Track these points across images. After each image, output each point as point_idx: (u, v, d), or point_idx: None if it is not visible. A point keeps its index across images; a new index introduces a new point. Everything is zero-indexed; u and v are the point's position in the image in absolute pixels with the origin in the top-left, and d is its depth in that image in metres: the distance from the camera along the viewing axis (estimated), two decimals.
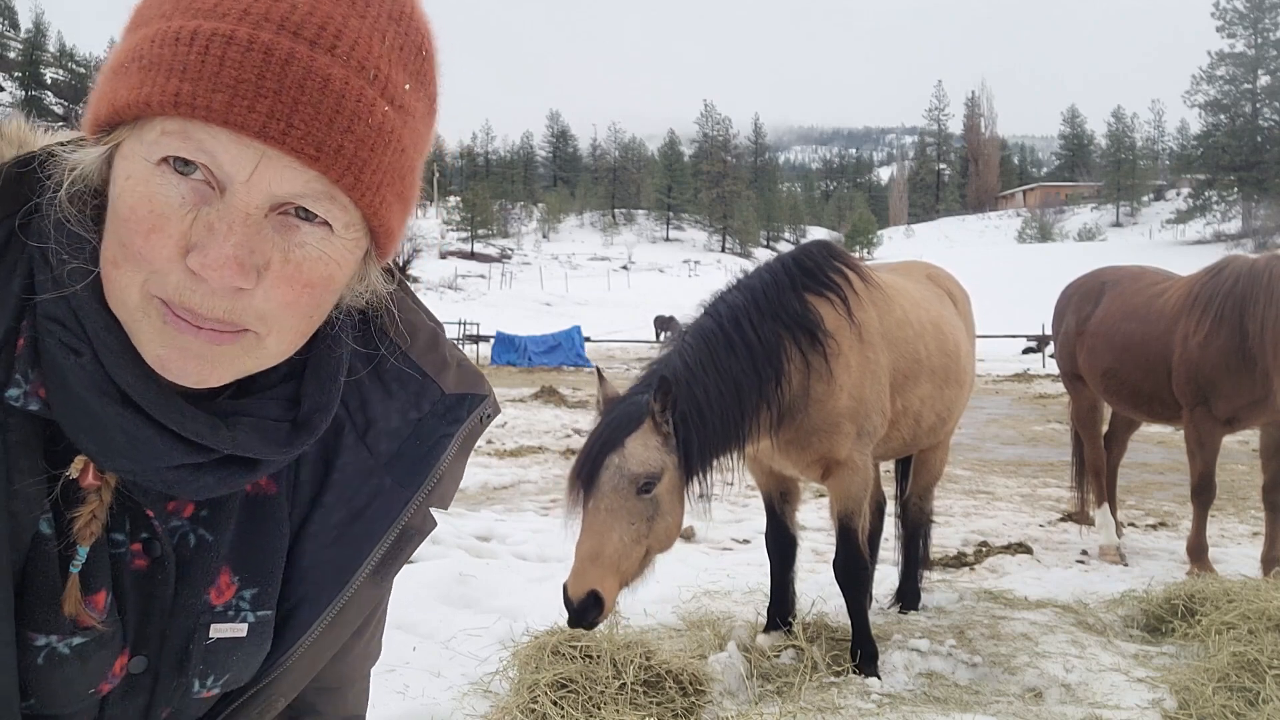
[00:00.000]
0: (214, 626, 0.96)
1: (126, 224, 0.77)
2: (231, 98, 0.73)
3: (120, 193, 0.78)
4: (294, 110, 0.75)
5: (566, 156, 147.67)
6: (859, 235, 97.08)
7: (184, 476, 0.86)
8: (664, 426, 3.21)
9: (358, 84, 0.78)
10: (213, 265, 0.75)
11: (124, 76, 0.78)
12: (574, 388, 19.47)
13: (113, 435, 0.82)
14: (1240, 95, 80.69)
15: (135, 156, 0.78)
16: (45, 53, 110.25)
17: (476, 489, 8.29)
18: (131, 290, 0.78)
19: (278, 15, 0.75)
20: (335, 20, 0.77)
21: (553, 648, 3.37)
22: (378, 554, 1.02)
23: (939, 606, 4.67)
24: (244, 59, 0.74)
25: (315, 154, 0.76)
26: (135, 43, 0.78)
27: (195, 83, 0.73)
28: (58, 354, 0.81)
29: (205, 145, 0.75)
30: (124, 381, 0.81)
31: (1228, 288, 5.33)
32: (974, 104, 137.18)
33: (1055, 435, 12.50)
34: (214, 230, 0.76)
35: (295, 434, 0.92)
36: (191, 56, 0.74)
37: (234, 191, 0.77)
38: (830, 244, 4.14)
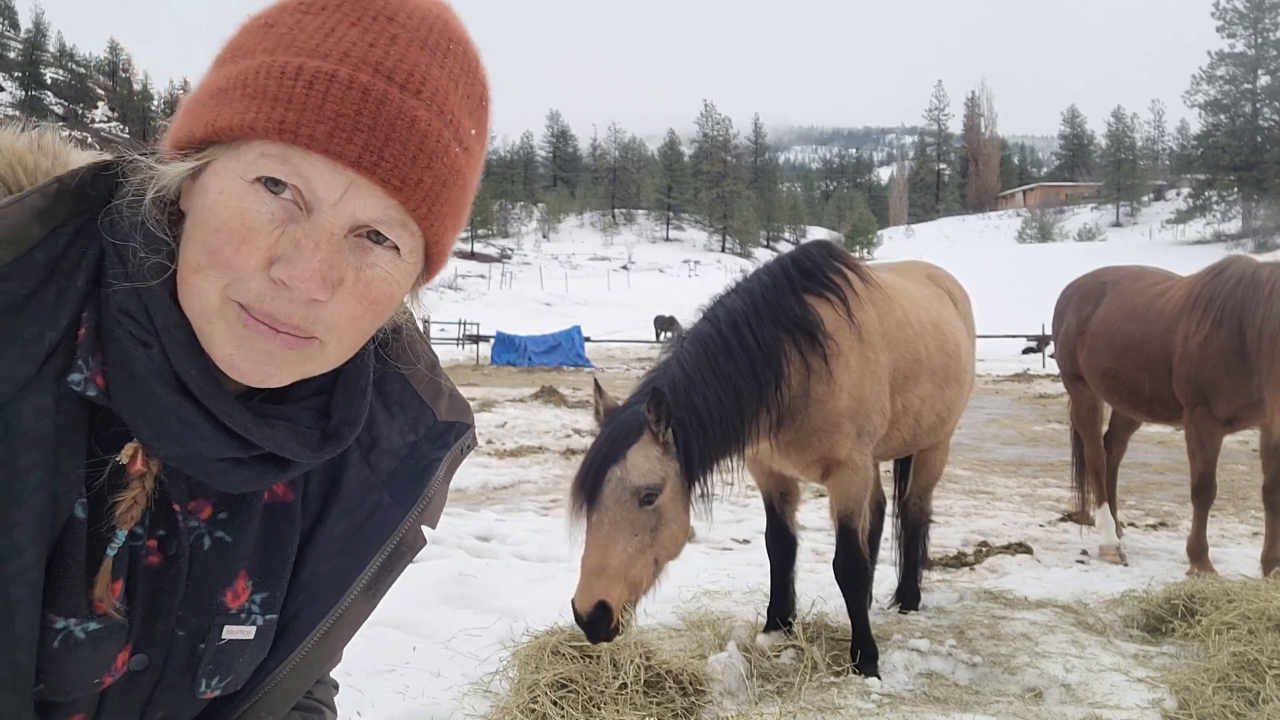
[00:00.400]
0: (227, 628, 1.00)
1: (218, 234, 0.84)
2: (332, 130, 0.82)
3: (213, 205, 0.85)
4: (385, 145, 0.84)
5: (566, 156, 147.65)
6: (859, 235, 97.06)
7: (225, 469, 0.92)
8: (662, 436, 3.21)
9: (438, 126, 0.87)
10: (300, 277, 0.84)
11: (226, 102, 0.84)
12: (574, 388, 19.46)
13: (169, 421, 0.88)
14: (1240, 95, 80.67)
15: (230, 174, 0.84)
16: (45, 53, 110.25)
17: (476, 489, 8.29)
18: (212, 294, 0.85)
19: (373, 60, 0.84)
20: (421, 68, 0.87)
21: (553, 648, 3.37)
22: (373, 568, 1.09)
23: (939, 606, 4.67)
24: (345, 96, 0.83)
25: (399, 185, 0.85)
26: (238, 71, 0.85)
27: (300, 113, 0.82)
28: (128, 345, 0.87)
29: (302, 169, 0.83)
30: (186, 374, 0.88)
31: (1229, 289, 5.33)
32: (974, 104, 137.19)
33: (1055, 435, 12.50)
34: (301, 246, 0.84)
35: (325, 442, 0.99)
36: (298, 89, 0.82)
37: (321, 212, 0.85)
38: (830, 244, 4.14)
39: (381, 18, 0.86)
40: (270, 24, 0.87)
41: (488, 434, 11.90)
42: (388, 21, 0.86)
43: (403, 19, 0.87)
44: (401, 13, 0.87)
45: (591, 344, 35.17)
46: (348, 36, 0.85)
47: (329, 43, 0.84)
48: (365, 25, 0.86)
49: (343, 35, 0.85)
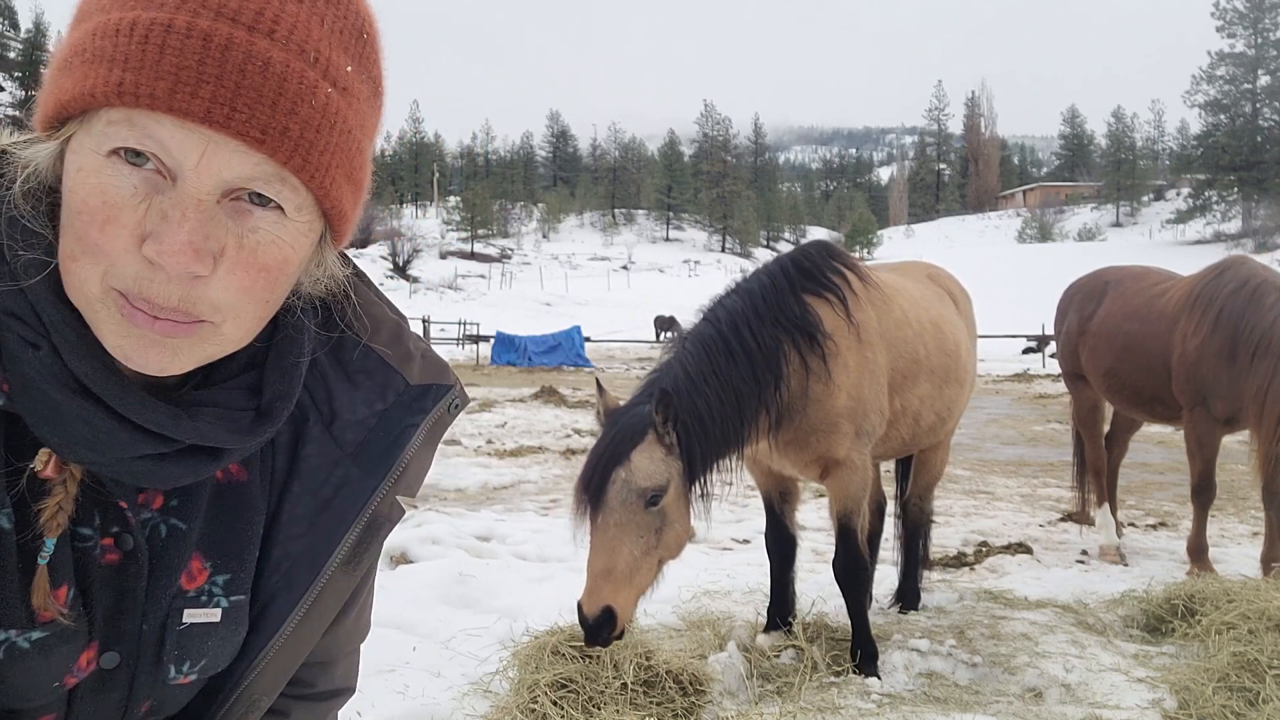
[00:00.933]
0: (187, 612, 0.97)
1: (80, 216, 0.77)
2: (174, 85, 0.74)
3: (73, 186, 0.79)
4: (236, 94, 0.75)
5: (566, 156, 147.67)
6: (859, 235, 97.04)
7: (149, 467, 0.87)
8: (667, 438, 3.21)
9: (299, 67, 0.79)
10: (169, 252, 0.76)
11: (68, 71, 0.79)
12: (574, 388, 19.46)
13: (75, 427, 0.82)
14: (1240, 95, 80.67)
15: (85, 150, 0.78)
16: (45, 53, 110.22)
17: (476, 489, 8.29)
18: (91, 283, 0.79)
19: (214, 2, 0.76)
20: (272, 4, 0.78)
21: (553, 648, 3.37)
22: (347, 543, 1.04)
23: (939, 606, 4.67)
24: (183, 45, 0.74)
25: (261, 136, 0.77)
26: (78, 38, 0.79)
27: (137, 71, 0.74)
28: (17, 348, 0.82)
29: (152, 132, 0.76)
30: (83, 373, 0.82)
31: (1229, 290, 5.32)
32: (974, 104, 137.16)
33: (1055, 435, 12.50)
34: (168, 218, 0.77)
35: (258, 422, 0.93)
36: (132, 46, 0.75)
37: (185, 179, 0.77)
38: (829, 244, 4.14)
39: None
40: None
41: (488, 434, 11.90)
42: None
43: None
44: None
45: (591, 344, 35.18)
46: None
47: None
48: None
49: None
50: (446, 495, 8.00)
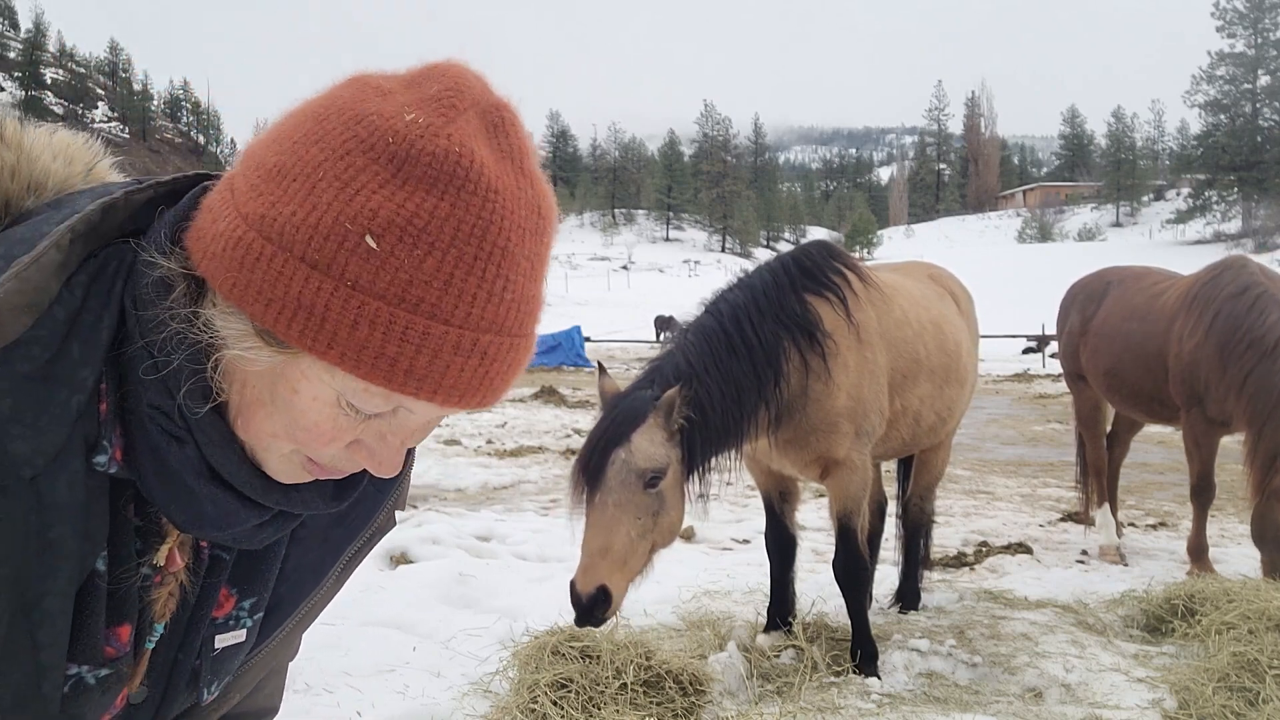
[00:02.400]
0: (218, 638, 1.02)
1: (308, 432, 0.86)
2: (449, 394, 0.82)
3: (304, 407, 0.84)
4: (489, 390, 0.85)
5: (566, 156, 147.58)
6: (859, 235, 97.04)
7: (252, 533, 0.95)
8: (675, 423, 3.21)
9: (527, 355, 0.89)
10: (386, 471, 0.90)
11: (326, 329, 0.79)
12: (574, 388, 19.46)
13: (204, 509, 0.89)
14: (1240, 95, 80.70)
15: (322, 383, 0.83)
16: (45, 53, 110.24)
17: (476, 489, 8.29)
18: (284, 448, 0.88)
19: (490, 317, 0.82)
20: (528, 300, 0.86)
21: (553, 648, 3.37)
22: (350, 552, 1.12)
23: (939, 606, 4.67)
24: (465, 365, 0.81)
25: (490, 405, 0.88)
26: (342, 301, 0.78)
27: (420, 381, 0.80)
28: (159, 440, 0.87)
29: (406, 404, 0.85)
30: (222, 467, 0.88)
31: (1227, 294, 5.30)
32: (974, 104, 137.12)
33: (1055, 435, 12.50)
34: (387, 442, 0.88)
35: (340, 488, 1.01)
36: (420, 361, 0.80)
37: (409, 419, 0.88)
38: (829, 244, 4.14)
39: (496, 254, 0.81)
40: (374, 249, 0.78)
41: (488, 434, 11.90)
42: (502, 258, 0.82)
43: (513, 246, 0.82)
44: (513, 238, 0.82)
45: (591, 344, 35.17)
46: (466, 288, 0.80)
47: (448, 299, 0.79)
48: (481, 270, 0.80)
49: (461, 287, 0.80)
50: (446, 495, 7.99)
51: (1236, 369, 5.03)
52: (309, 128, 0.83)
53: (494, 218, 0.81)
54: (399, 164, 0.79)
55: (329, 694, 3.33)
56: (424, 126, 0.81)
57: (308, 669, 3.46)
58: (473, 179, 0.80)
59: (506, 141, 0.86)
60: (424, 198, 0.79)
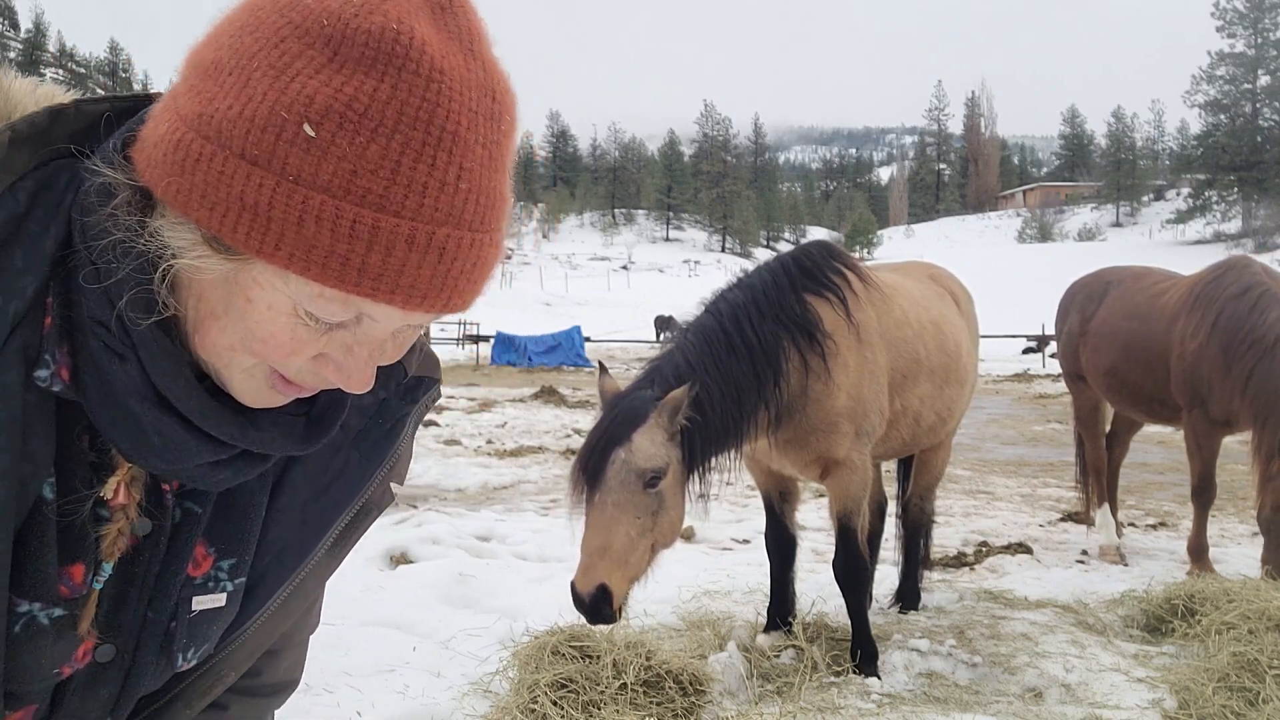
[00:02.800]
0: (195, 599, 0.97)
1: (265, 344, 0.80)
2: (409, 294, 0.77)
3: (259, 317, 0.79)
4: (454, 290, 0.79)
5: (566, 156, 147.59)
6: (859, 235, 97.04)
7: (206, 471, 0.89)
8: (677, 423, 3.21)
9: (497, 242, 0.83)
10: (356, 385, 0.84)
11: (272, 231, 0.74)
12: (574, 388, 19.46)
13: (149, 437, 0.84)
14: (1240, 95, 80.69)
15: (277, 291, 0.78)
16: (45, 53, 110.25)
17: (476, 489, 8.29)
18: (245, 361, 0.82)
19: (445, 207, 0.76)
20: (487, 191, 0.80)
21: (553, 648, 3.37)
22: (339, 527, 1.06)
23: (939, 606, 4.67)
24: (423, 260, 0.76)
25: (458, 309, 0.83)
26: (285, 197, 0.73)
27: (376, 280, 0.75)
28: (102, 357, 0.81)
29: (364, 309, 0.79)
30: (168, 389, 0.82)
31: (1230, 294, 5.28)
32: (974, 104, 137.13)
33: (1055, 435, 12.50)
34: (354, 353, 0.83)
35: (311, 429, 0.95)
36: (372, 256, 0.74)
37: (374, 328, 0.83)
38: (830, 244, 4.14)
39: (446, 138, 0.75)
40: (314, 137, 0.73)
41: (488, 434, 11.90)
42: (453, 143, 0.76)
43: (464, 130, 0.77)
44: (463, 121, 0.77)
45: (591, 344, 35.17)
46: (416, 177, 0.74)
47: (397, 189, 0.74)
48: (431, 156, 0.75)
49: (410, 175, 0.74)
50: (446, 495, 8.00)
51: (1239, 368, 5.03)
52: (244, 19, 0.78)
53: (440, 99, 0.75)
54: (335, 46, 0.74)
55: (329, 694, 3.33)
56: (359, 5, 0.75)
57: (308, 669, 3.43)
58: (414, 57, 0.74)
59: (454, 21, 0.80)
60: (363, 80, 0.73)
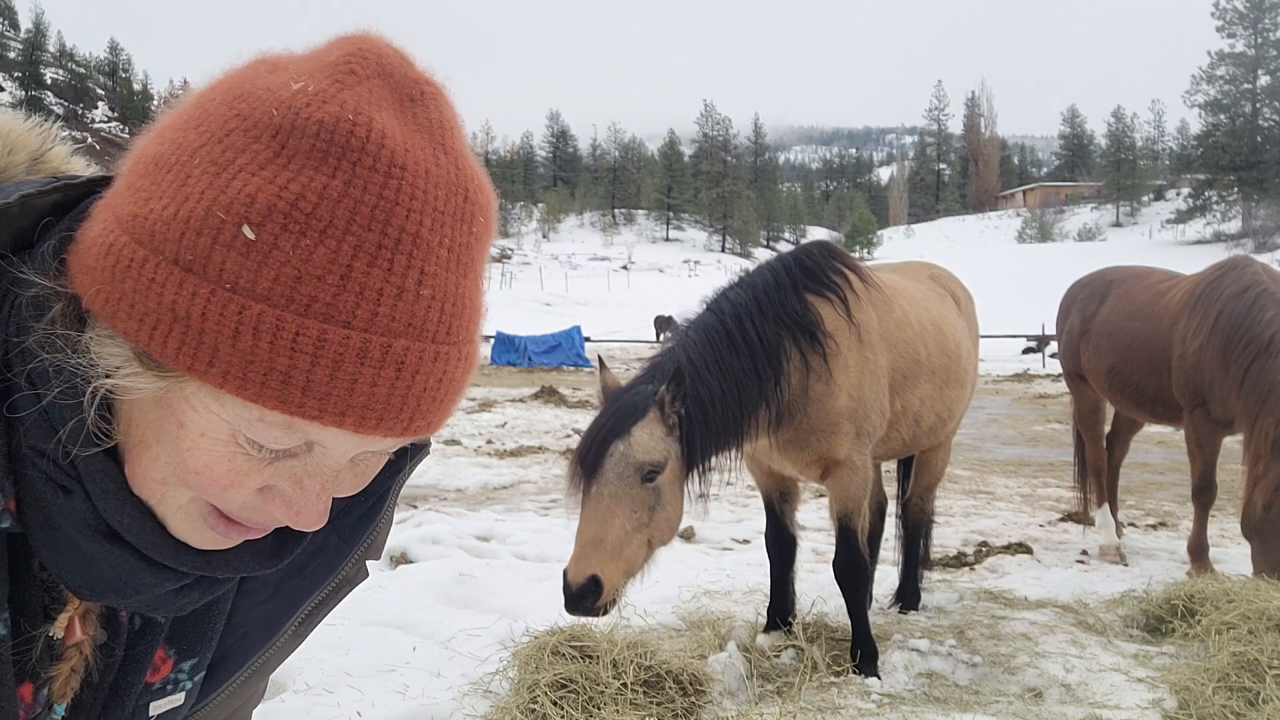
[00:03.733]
0: (153, 705, 0.91)
1: (199, 476, 0.71)
2: (362, 416, 0.67)
3: (192, 446, 0.70)
4: (416, 412, 0.70)
5: (566, 156, 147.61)
6: (859, 235, 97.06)
7: (168, 599, 0.81)
8: (671, 417, 3.21)
9: (465, 366, 0.74)
10: (307, 523, 0.75)
11: (207, 344, 0.66)
12: (574, 388, 19.46)
13: (100, 571, 0.76)
14: (1240, 95, 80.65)
15: (212, 415, 0.69)
16: (45, 53, 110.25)
17: (476, 489, 8.29)
18: (180, 498, 0.74)
19: (403, 316, 0.68)
20: (451, 297, 0.71)
21: (553, 648, 3.37)
22: (309, 606, 0.99)
23: (939, 606, 4.67)
24: (377, 377, 0.67)
25: (423, 433, 0.74)
26: (221, 307, 0.65)
27: (323, 400, 0.66)
28: (44, 489, 0.73)
29: (312, 435, 0.70)
30: (118, 522, 0.74)
31: (1229, 294, 5.27)
32: (974, 104, 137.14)
33: (1055, 435, 12.50)
34: (304, 486, 0.74)
35: (280, 544, 0.87)
36: (318, 372, 0.65)
37: (326, 456, 0.73)
38: (830, 245, 4.14)
39: (406, 240, 0.67)
40: (253, 240, 0.65)
41: (488, 434, 11.90)
42: (413, 245, 0.68)
43: (427, 232, 0.68)
44: (425, 221, 0.69)
45: (591, 344, 35.18)
46: (370, 283, 0.66)
47: (347, 296, 0.66)
48: (388, 260, 0.66)
49: (363, 282, 0.66)
50: (446, 495, 8.00)
51: (1236, 368, 5.03)
52: (191, 111, 0.71)
53: (400, 197, 0.67)
54: (283, 139, 0.66)
55: (329, 694, 3.33)
56: (312, 94, 0.68)
57: (308, 669, 3.46)
58: (371, 150, 0.66)
59: (424, 114, 0.72)
60: (311, 175, 0.66)
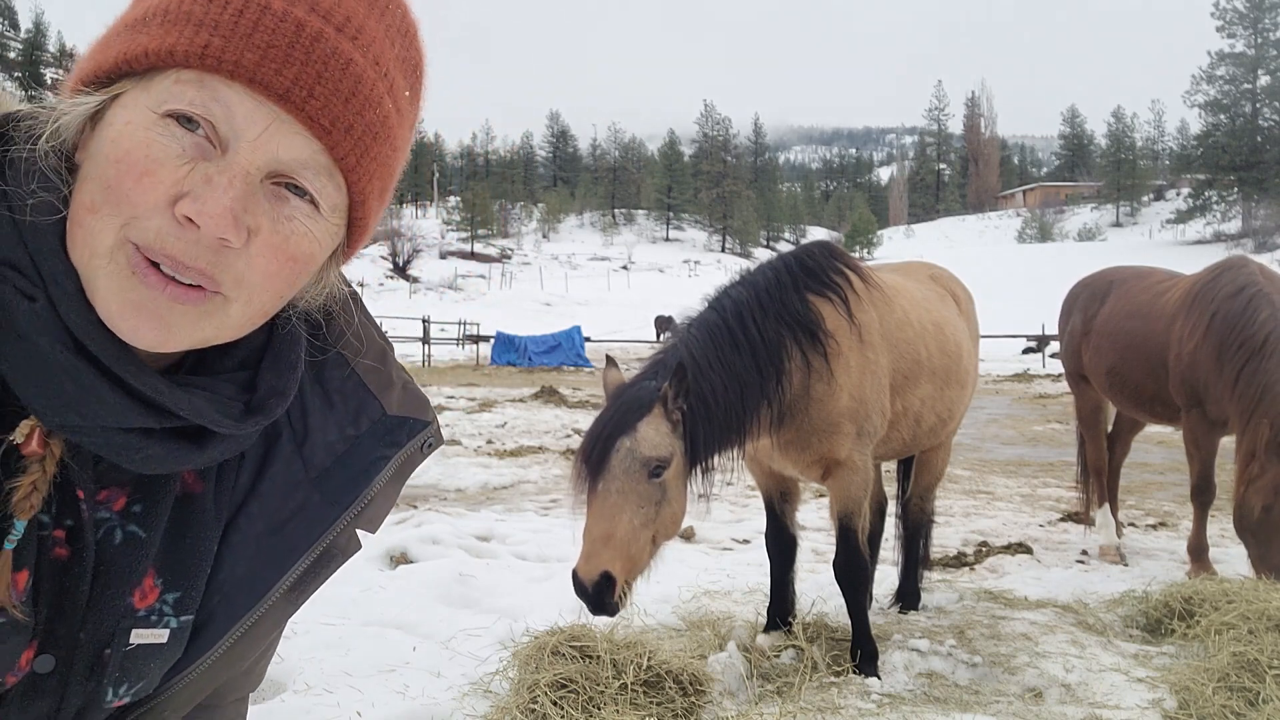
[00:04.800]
0: (135, 631, 0.90)
1: (117, 165, 0.76)
2: (262, 58, 0.76)
3: (115, 137, 0.77)
4: (317, 82, 0.78)
5: (566, 156, 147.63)
6: (859, 235, 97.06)
7: (132, 442, 0.82)
8: (674, 413, 3.21)
9: (372, 75, 0.83)
10: (209, 213, 0.75)
11: (142, 30, 0.79)
12: (574, 388, 19.46)
13: (63, 384, 0.78)
14: (1240, 95, 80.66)
15: (138, 105, 0.78)
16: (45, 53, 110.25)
17: (476, 489, 8.30)
18: (106, 235, 0.76)
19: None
20: (359, 16, 0.83)
21: (553, 648, 3.37)
22: (296, 572, 0.99)
23: (939, 606, 4.67)
24: (278, 26, 0.77)
25: (329, 127, 0.80)
26: (157, 1, 0.80)
27: (227, 38, 0.76)
28: (10, 298, 0.77)
29: (221, 97, 0.77)
30: (79, 327, 0.78)
31: (1225, 294, 5.27)
32: (974, 104, 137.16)
33: (1055, 435, 12.50)
34: (212, 182, 0.77)
35: (249, 413, 0.90)
36: (226, 15, 0.76)
37: (239, 150, 0.78)
38: (832, 245, 4.14)
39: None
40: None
41: (488, 434, 11.90)
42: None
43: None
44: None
45: (592, 344, 35.18)
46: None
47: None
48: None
49: None
50: (446, 495, 8.00)
51: (1230, 369, 5.03)
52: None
53: None
54: None
55: (329, 694, 3.33)
56: None
57: (308, 669, 3.46)
58: None
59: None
60: None
